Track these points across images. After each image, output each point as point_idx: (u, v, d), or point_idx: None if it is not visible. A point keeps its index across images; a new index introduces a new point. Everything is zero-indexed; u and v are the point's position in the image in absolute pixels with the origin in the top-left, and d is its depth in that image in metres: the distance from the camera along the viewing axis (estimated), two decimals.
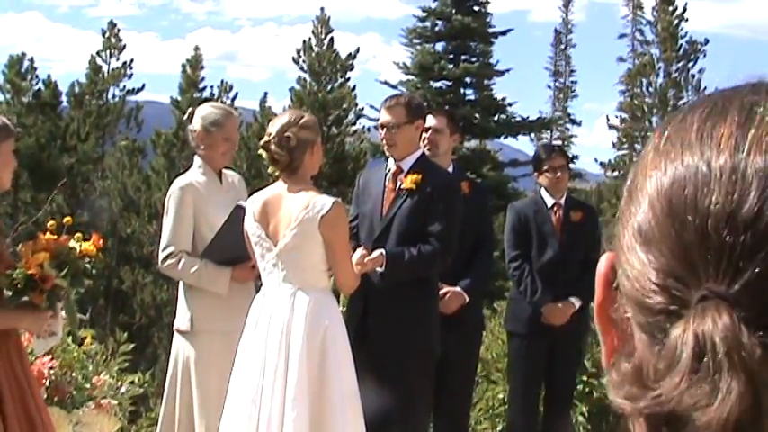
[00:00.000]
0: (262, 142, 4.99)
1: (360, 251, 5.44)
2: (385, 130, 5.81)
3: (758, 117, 0.79)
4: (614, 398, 0.78)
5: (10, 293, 4.30)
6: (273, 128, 4.97)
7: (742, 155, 0.77)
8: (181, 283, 5.71)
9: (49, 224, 4.62)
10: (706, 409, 0.70)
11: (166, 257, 5.57)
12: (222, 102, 25.55)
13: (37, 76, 29.90)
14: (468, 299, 6.17)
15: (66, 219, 4.74)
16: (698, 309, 0.73)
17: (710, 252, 0.74)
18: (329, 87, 28.77)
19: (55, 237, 4.51)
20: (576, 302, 6.57)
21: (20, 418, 4.27)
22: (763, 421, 0.71)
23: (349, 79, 29.08)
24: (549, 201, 6.75)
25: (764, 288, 0.73)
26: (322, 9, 29.38)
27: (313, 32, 29.18)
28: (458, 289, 6.14)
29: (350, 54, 29.17)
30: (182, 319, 5.64)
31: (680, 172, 0.79)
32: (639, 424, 0.76)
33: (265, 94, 30.08)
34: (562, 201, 6.78)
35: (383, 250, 5.55)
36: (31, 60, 30.15)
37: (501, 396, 8.26)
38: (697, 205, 0.76)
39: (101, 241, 4.69)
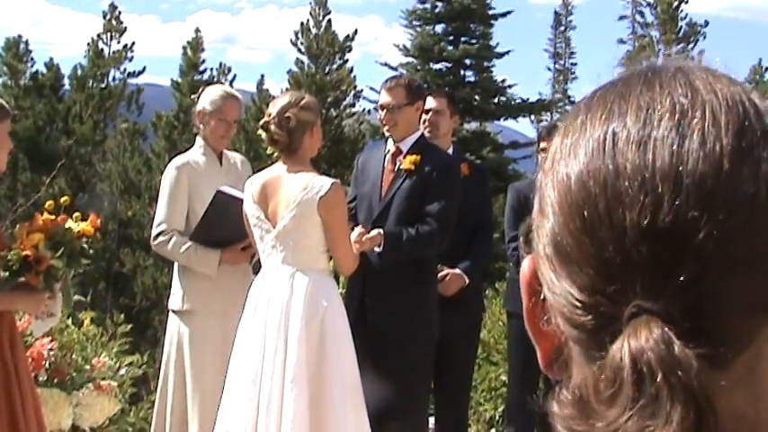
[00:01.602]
0: (261, 122, 5.00)
1: (358, 229, 5.44)
2: (385, 111, 5.80)
3: (656, 116, 0.77)
4: (559, 428, 0.77)
5: (6, 275, 4.29)
6: (274, 108, 4.97)
7: (648, 161, 0.75)
8: (176, 264, 5.72)
9: (46, 204, 4.61)
10: None
11: (158, 235, 5.58)
12: (221, 84, 25.54)
13: (32, 59, 29.89)
14: (467, 281, 6.16)
15: (64, 199, 4.73)
16: (630, 327, 0.72)
17: (633, 268, 0.73)
18: (327, 69, 28.73)
19: (53, 217, 4.50)
20: None
21: (0, 404, 4.25)
22: (709, 428, 0.70)
23: (347, 61, 29.05)
24: None
25: (691, 296, 0.72)
26: None
27: (311, 14, 29.12)
28: (458, 271, 6.13)
29: (348, 36, 29.11)
30: (176, 299, 5.65)
31: (588, 184, 0.76)
32: None
33: (262, 76, 29.96)
34: None
35: (381, 230, 5.54)
36: (26, 43, 30.12)
37: (503, 378, 8.27)
38: (612, 220, 0.74)
39: (98, 221, 4.68)
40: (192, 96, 5.99)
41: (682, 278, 0.72)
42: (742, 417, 0.74)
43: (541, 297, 0.82)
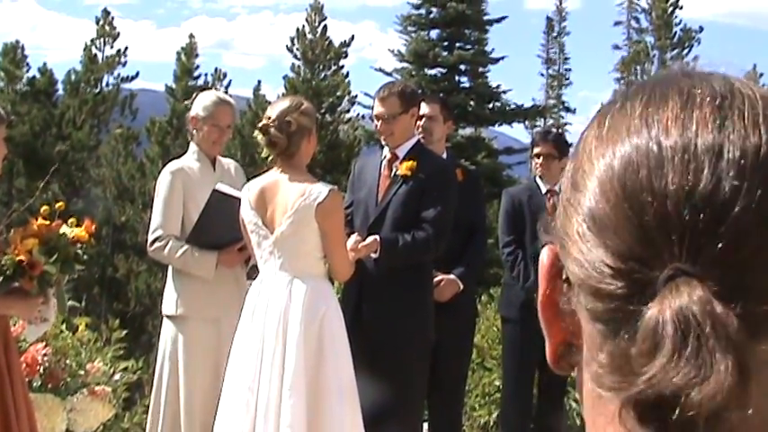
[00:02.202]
0: (260, 125, 4.99)
1: (354, 237, 5.44)
2: (380, 121, 5.80)
3: (698, 99, 0.80)
4: (600, 390, 0.78)
5: (0, 280, 4.28)
6: (273, 111, 4.98)
7: (690, 134, 0.78)
8: (170, 269, 5.72)
9: (41, 210, 4.61)
10: (698, 386, 0.70)
11: (154, 241, 5.59)
12: (216, 89, 25.53)
13: (28, 64, 29.87)
14: (462, 286, 6.17)
15: (59, 204, 4.73)
16: (670, 287, 0.73)
17: (672, 232, 0.75)
18: (323, 75, 28.74)
19: (47, 222, 4.50)
20: None
21: None
22: (750, 391, 0.71)
23: (342, 67, 29.06)
24: (544, 187, 6.75)
25: (729, 262, 0.74)
26: None
27: (307, 20, 29.14)
28: (452, 277, 6.14)
29: (343, 41, 29.13)
30: (169, 304, 5.65)
31: (631, 155, 0.79)
32: (626, 413, 0.74)
33: (259, 82, 29.93)
34: (557, 187, 6.77)
35: (377, 236, 5.55)
36: (22, 48, 30.11)
37: (497, 383, 8.27)
38: (653, 186, 0.76)
39: (93, 227, 4.68)
40: (186, 102, 5.99)
41: (720, 244, 0.74)
42: None
43: (563, 278, 0.84)
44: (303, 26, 29.16)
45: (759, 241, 0.74)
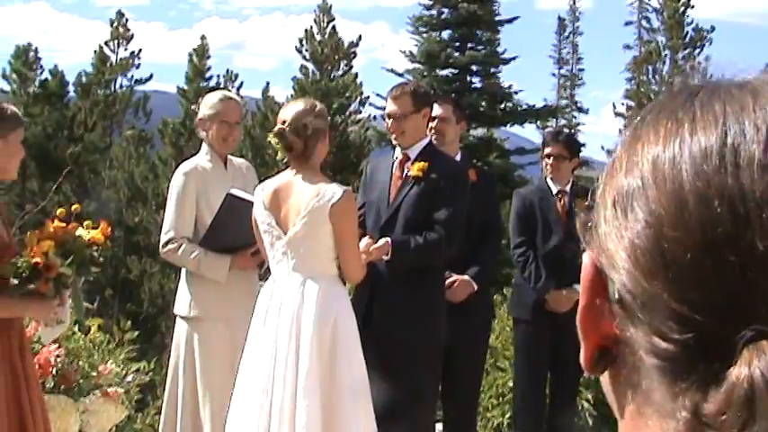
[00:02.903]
0: (275, 129, 4.98)
1: (365, 240, 5.44)
2: (392, 120, 5.79)
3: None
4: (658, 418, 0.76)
5: (16, 282, 4.30)
6: (287, 115, 4.97)
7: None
8: (183, 270, 5.73)
9: (58, 211, 4.62)
10: None
11: (167, 243, 5.59)
12: (228, 90, 25.56)
13: (41, 66, 29.95)
14: (476, 287, 6.16)
15: (75, 206, 4.74)
16: (754, 348, 0.71)
17: (756, 292, 0.72)
18: (332, 76, 28.73)
19: (63, 224, 4.51)
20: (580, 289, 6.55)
21: (10, 411, 4.26)
22: None
23: (352, 67, 29.04)
24: (555, 188, 6.74)
25: None
26: None
27: (315, 21, 29.13)
28: (466, 277, 6.13)
29: (352, 42, 29.11)
30: (182, 305, 5.66)
31: (712, 202, 0.74)
32: None
33: (267, 83, 29.91)
34: (567, 188, 6.76)
35: (389, 239, 5.54)
36: (36, 50, 30.19)
37: (510, 384, 8.26)
38: (739, 245, 0.72)
39: (109, 229, 4.69)
40: (193, 107, 6.00)
41: None
42: None
43: (610, 295, 0.80)
44: (312, 27, 29.16)
45: None
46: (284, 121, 4.95)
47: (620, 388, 0.83)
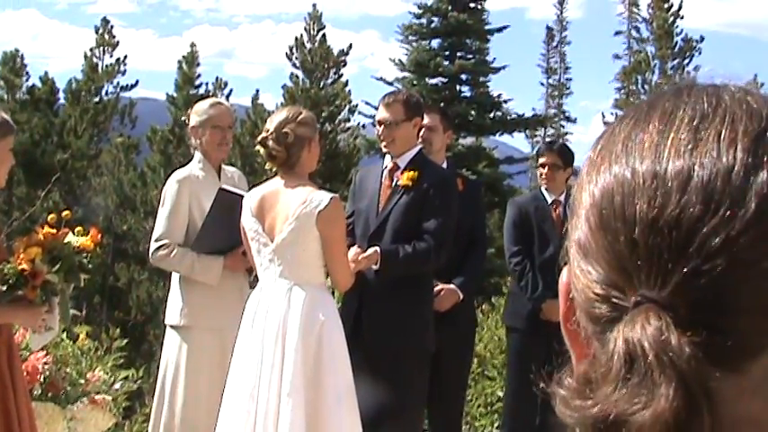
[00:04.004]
0: (259, 138, 5.00)
1: (354, 249, 5.44)
2: (383, 127, 5.79)
3: (677, 121, 0.80)
4: (563, 414, 0.80)
5: (3, 289, 4.28)
6: (271, 124, 4.98)
7: (663, 160, 0.78)
8: (173, 279, 5.72)
9: (49, 218, 4.61)
10: (640, 412, 0.71)
11: (158, 249, 5.58)
12: (217, 98, 25.53)
13: (27, 73, 29.90)
14: (462, 296, 6.16)
15: (66, 213, 4.73)
16: (630, 315, 0.75)
17: (640, 258, 0.76)
18: (322, 84, 28.74)
19: (54, 231, 4.50)
20: None
21: None
22: (701, 418, 0.72)
23: (342, 75, 29.05)
24: (550, 197, 6.77)
25: (693, 288, 0.74)
26: (314, 5, 29.33)
27: (305, 29, 29.15)
28: (452, 286, 6.13)
29: (342, 50, 29.13)
30: (173, 314, 5.65)
31: (608, 183, 0.80)
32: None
33: (257, 91, 29.87)
34: (562, 197, 6.79)
35: (378, 248, 5.54)
36: (22, 57, 30.14)
37: (499, 393, 8.27)
38: (624, 214, 0.77)
39: (99, 236, 4.68)
40: (183, 118, 6.00)
41: (685, 270, 0.74)
42: (759, 423, 0.75)
43: (570, 297, 0.86)
44: (302, 35, 29.17)
45: (725, 267, 0.73)
46: (267, 130, 4.96)
47: None
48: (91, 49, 30.55)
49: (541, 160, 6.84)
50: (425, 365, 5.81)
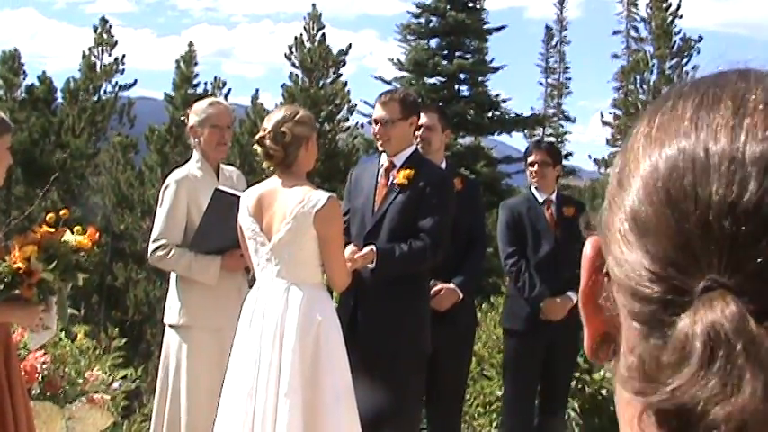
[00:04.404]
0: (257, 137, 4.99)
1: (350, 248, 5.44)
2: (379, 125, 5.79)
3: (751, 105, 0.78)
4: (622, 392, 0.78)
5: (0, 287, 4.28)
6: (269, 123, 4.98)
7: (739, 143, 0.76)
8: (171, 278, 5.72)
9: (47, 217, 4.60)
10: (723, 402, 0.69)
11: (156, 249, 5.58)
12: (215, 97, 25.49)
13: (25, 72, 29.88)
14: (461, 295, 6.16)
15: (63, 212, 4.72)
16: (704, 299, 0.72)
17: (712, 242, 0.73)
18: (321, 83, 28.73)
19: (52, 230, 4.50)
20: (574, 297, 6.57)
21: None
22: None
23: (341, 75, 29.05)
24: (541, 197, 6.77)
25: (767, 277, 0.72)
26: (314, 5, 29.32)
27: (305, 28, 29.13)
28: (451, 286, 6.13)
29: (342, 50, 29.12)
30: (172, 314, 5.65)
31: (677, 159, 0.77)
32: (646, 418, 0.74)
33: (257, 90, 29.85)
34: (553, 197, 6.80)
35: (374, 246, 5.54)
36: (20, 56, 30.13)
37: (497, 392, 8.26)
38: (697, 195, 0.75)
39: (97, 235, 4.67)
40: (182, 117, 5.99)
41: (760, 259, 0.72)
42: None
43: (603, 272, 0.83)
44: (301, 35, 29.16)
45: None
46: (265, 129, 4.96)
47: (616, 367, 0.84)
48: (89, 49, 30.53)
49: (530, 159, 6.84)
50: (422, 365, 5.81)
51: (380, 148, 5.89)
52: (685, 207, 0.75)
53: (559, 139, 38.74)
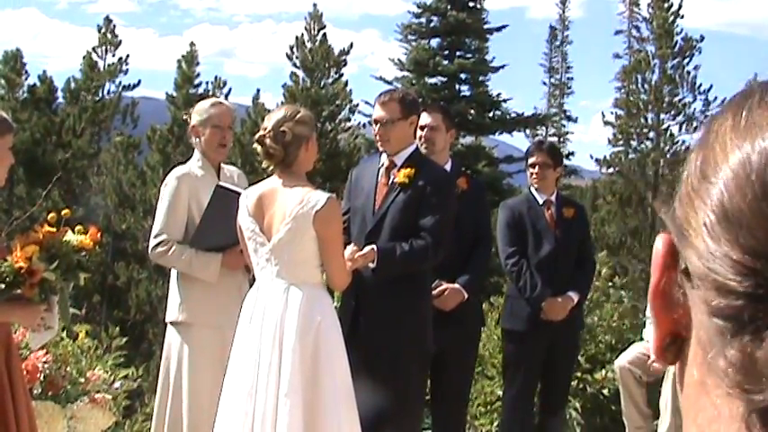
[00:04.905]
0: (257, 136, 4.99)
1: (351, 247, 5.43)
2: (379, 125, 5.79)
3: None
4: (727, 389, 0.75)
5: (1, 287, 4.28)
6: (269, 122, 4.98)
7: None
8: (172, 276, 5.72)
9: (49, 216, 4.60)
10: None
11: (157, 245, 5.59)
12: (216, 97, 25.50)
13: (28, 72, 29.94)
14: (466, 295, 6.14)
15: (65, 211, 4.72)
16: None
17: None
18: (322, 83, 28.74)
19: (54, 229, 4.50)
20: (575, 297, 6.59)
21: None
22: None
23: (342, 75, 29.06)
24: (541, 198, 6.76)
25: None
26: (314, 5, 29.35)
27: (306, 28, 29.15)
28: (456, 285, 6.12)
29: (342, 50, 29.13)
30: (172, 311, 5.65)
31: None
32: (752, 419, 0.72)
33: (258, 90, 29.90)
34: (553, 197, 6.80)
35: (374, 246, 5.54)
36: (22, 56, 30.17)
37: (498, 392, 8.26)
38: None
39: (98, 234, 4.67)
40: (184, 116, 6.00)
41: None
42: None
43: (680, 269, 0.81)
44: (302, 34, 29.18)
45: None
46: (265, 128, 4.96)
47: (684, 368, 0.83)
48: (93, 48, 30.58)
49: (531, 160, 6.83)
50: (424, 365, 5.81)
51: (381, 148, 5.89)
52: None
53: (561, 139, 38.76)
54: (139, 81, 31.13)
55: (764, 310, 0.72)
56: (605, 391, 8.20)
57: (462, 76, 25.84)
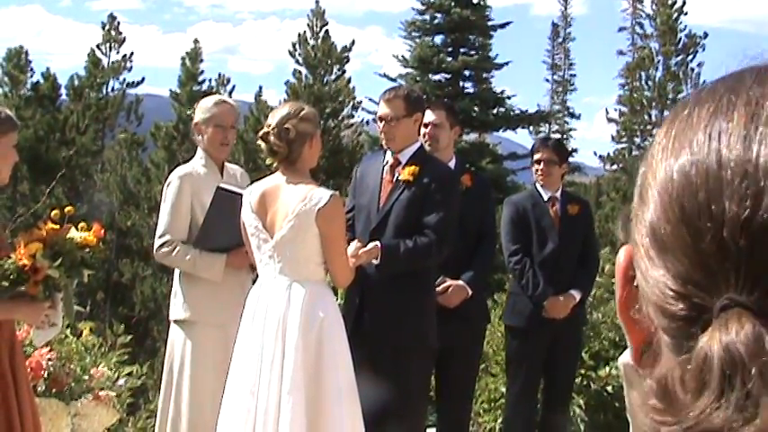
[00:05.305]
0: (261, 133, 4.99)
1: (355, 244, 5.43)
2: (383, 122, 5.78)
3: (765, 114, 0.75)
4: (641, 418, 0.75)
5: (5, 284, 4.28)
6: (273, 119, 4.97)
7: (752, 155, 0.73)
8: (176, 275, 5.73)
9: (52, 214, 4.60)
10: (741, 428, 0.68)
11: (161, 245, 5.59)
12: (220, 94, 25.48)
13: (32, 69, 29.93)
14: (470, 292, 6.14)
15: (68, 208, 4.72)
16: (720, 319, 0.71)
17: (728, 260, 0.72)
18: (325, 80, 28.73)
19: (57, 227, 4.50)
20: (577, 295, 6.57)
21: None
22: None
23: (345, 72, 29.05)
24: (545, 194, 6.75)
25: None
26: (317, 1, 29.33)
27: (308, 25, 29.14)
28: (461, 282, 6.11)
29: (345, 47, 29.12)
30: (177, 309, 5.65)
31: (690, 174, 0.75)
32: None
33: (260, 87, 29.91)
34: (558, 194, 6.78)
35: (378, 242, 5.54)
36: (26, 53, 30.16)
37: (502, 389, 8.26)
38: (711, 211, 0.73)
39: (102, 231, 4.67)
40: (189, 113, 6.01)
41: None
42: None
43: (635, 285, 0.81)
44: (305, 31, 29.17)
45: None
46: (269, 125, 4.96)
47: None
48: (97, 45, 30.58)
49: (536, 156, 6.80)
50: (428, 360, 5.80)
51: (385, 146, 5.88)
52: (700, 224, 0.73)
53: (564, 136, 38.72)
54: (143, 78, 31.15)
55: (696, 333, 0.73)
56: (609, 388, 8.19)
57: (466, 73, 25.81)
